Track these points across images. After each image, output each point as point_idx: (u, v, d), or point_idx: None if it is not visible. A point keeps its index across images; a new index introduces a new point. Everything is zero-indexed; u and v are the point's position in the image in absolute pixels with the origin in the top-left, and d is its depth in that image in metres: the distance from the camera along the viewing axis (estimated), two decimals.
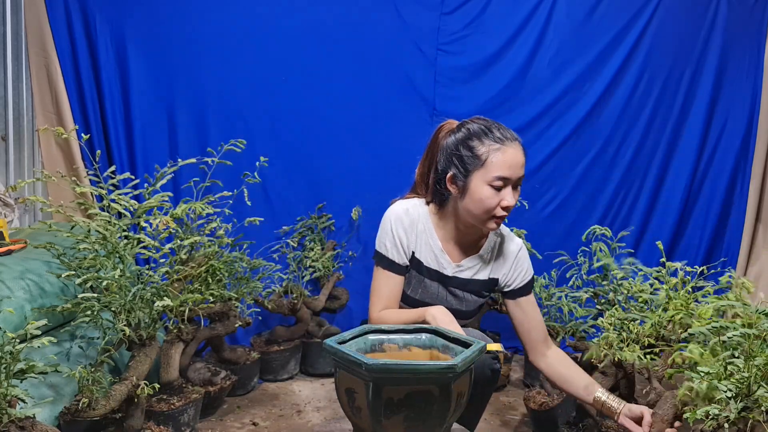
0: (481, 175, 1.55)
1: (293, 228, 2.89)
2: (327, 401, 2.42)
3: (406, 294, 1.75)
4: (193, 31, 2.78)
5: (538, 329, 1.72)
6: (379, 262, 1.71)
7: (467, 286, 1.72)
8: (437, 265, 1.70)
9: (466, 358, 1.14)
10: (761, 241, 3.09)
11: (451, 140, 1.63)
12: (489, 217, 1.58)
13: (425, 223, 1.70)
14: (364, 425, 1.17)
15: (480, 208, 1.57)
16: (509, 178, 1.54)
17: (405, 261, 1.70)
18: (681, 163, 3.12)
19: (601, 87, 3.04)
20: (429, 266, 1.71)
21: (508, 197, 1.55)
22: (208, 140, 2.78)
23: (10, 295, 1.71)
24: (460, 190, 1.60)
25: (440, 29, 2.96)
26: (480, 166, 1.55)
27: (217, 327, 2.24)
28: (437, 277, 1.71)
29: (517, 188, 1.60)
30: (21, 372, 1.32)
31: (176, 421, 1.89)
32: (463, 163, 1.58)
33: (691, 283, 1.63)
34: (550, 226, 3.06)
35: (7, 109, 2.56)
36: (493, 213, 1.57)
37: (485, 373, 1.58)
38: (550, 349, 1.72)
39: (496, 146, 1.55)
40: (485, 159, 1.55)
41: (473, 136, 1.58)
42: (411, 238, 1.69)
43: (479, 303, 1.77)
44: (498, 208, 1.56)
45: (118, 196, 1.76)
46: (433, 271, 1.71)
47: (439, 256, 1.70)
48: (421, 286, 1.73)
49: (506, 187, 1.55)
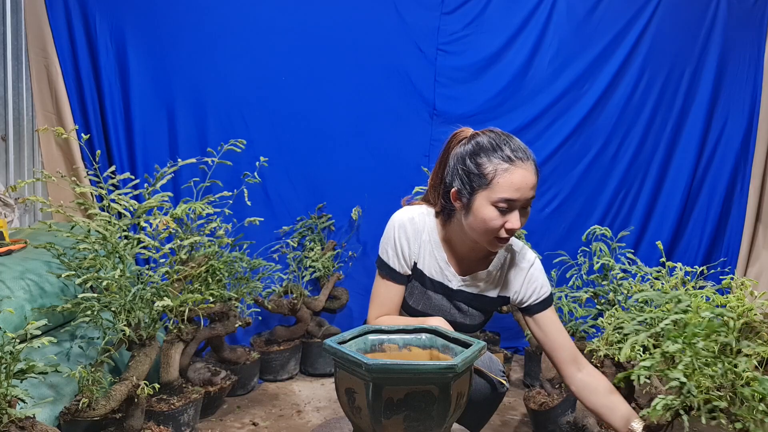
0: (486, 195, 1.45)
1: (293, 228, 2.89)
2: (327, 401, 2.42)
3: (409, 304, 1.69)
4: (193, 32, 2.79)
5: (564, 349, 1.57)
6: (380, 269, 1.66)
7: (473, 302, 1.66)
8: (442, 278, 1.64)
9: (466, 358, 1.14)
10: (761, 241, 3.09)
11: (460, 152, 1.53)
12: (492, 238, 1.49)
13: (431, 233, 1.63)
14: (364, 425, 1.17)
15: (483, 228, 1.47)
16: (516, 200, 1.44)
17: (406, 270, 1.64)
18: (681, 163, 3.13)
19: (601, 87, 3.04)
20: (433, 278, 1.65)
21: (513, 220, 1.45)
22: (208, 140, 2.79)
23: (10, 295, 1.71)
24: (465, 206, 1.51)
25: (440, 29, 2.96)
26: (486, 185, 1.45)
27: (217, 327, 2.24)
28: (442, 290, 1.65)
29: (527, 209, 1.50)
30: (21, 372, 1.32)
31: (176, 421, 1.89)
32: (469, 180, 1.49)
33: (691, 282, 1.63)
34: (550, 226, 3.06)
35: (7, 109, 2.57)
36: (497, 234, 1.48)
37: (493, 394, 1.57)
38: (581, 371, 1.54)
39: (504, 166, 1.44)
40: (491, 178, 1.44)
41: (481, 151, 1.48)
42: (414, 248, 1.62)
43: (484, 318, 1.71)
44: (502, 230, 1.47)
45: (118, 196, 1.76)
46: (437, 284, 1.65)
47: (444, 268, 1.64)
48: (424, 298, 1.67)
49: (512, 209, 1.45)
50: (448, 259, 1.64)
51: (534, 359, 2.58)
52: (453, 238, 1.62)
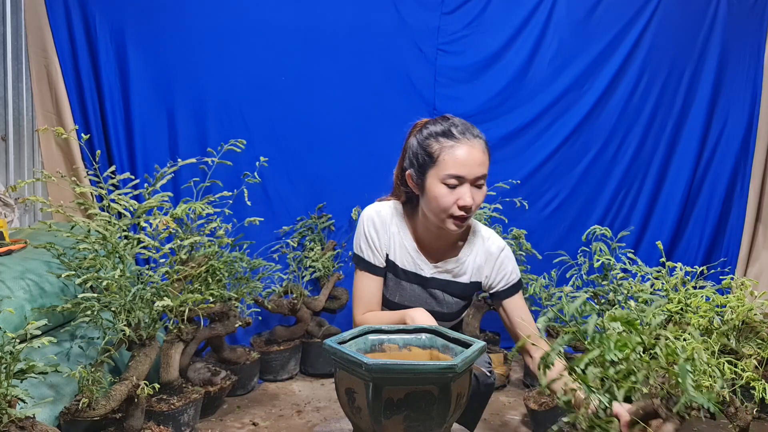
0: (435, 173, 1.53)
1: (293, 228, 2.89)
2: (327, 401, 2.42)
3: (386, 298, 1.73)
4: (193, 32, 2.79)
5: (526, 332, 1.64)
6: (357, 265, 1.71)
7: (447, 288, 1.70)
8: (414, 267, 1.69)
9: (466, 358, 1.14)
10: (761, 241, 3.09)
11: (413, 140, 1.62)
12: (447, 216, 1.54)
13: (399, 224, 1.69)
14: (364, 425, 1.17)
15: (436, 207, 1.54)
16: (463, 176, 1.51)
17: (381, 262, 1.69)
18: (681, 163, 3.13)
19: (601, 87, 3.04)
20: (405, 268, 1.69)
21: (465, 196, 1.51)
22: (208, 140, 2.79)
23: (10, 295, 1.71)
24: (420, 189, 1.58)
25: (440, 29, 2.96)
26: (433, 163, 1.53)
27: (217, 327, 2.24)
28: (415, 279, 1.70)
29: (481, 188, 1.55)
30: (21, 372, 1.32)
31: (176, 421, 1.89)
32: (420, 162, 1.57)
33: (691, 282, 1.63)
34: (550, 226, 3.06)
35: (7, 109, 2.57)
36: (450, 212, 1.53)
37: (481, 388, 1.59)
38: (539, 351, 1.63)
39: (449, 143, 1.52)
40: (437, 156, 1.52)
41: (430, 135, 1.56)
42: (384, 239, 1.68)
43: (461, 305, 1.75)
44: (454, 207, 1.52)
45: (118, 196, 1.76)
46: (410, 274, 1.69)
47: (415, 257, 1.68)
48: (399, 289, 1.72)
49: (462, 185, 1.52)
50: (419, 248, 1.69)
51: None
52: (419, 226, 1.68)
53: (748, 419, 1.28)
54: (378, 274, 1.69)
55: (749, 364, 1.26)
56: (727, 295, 1.41)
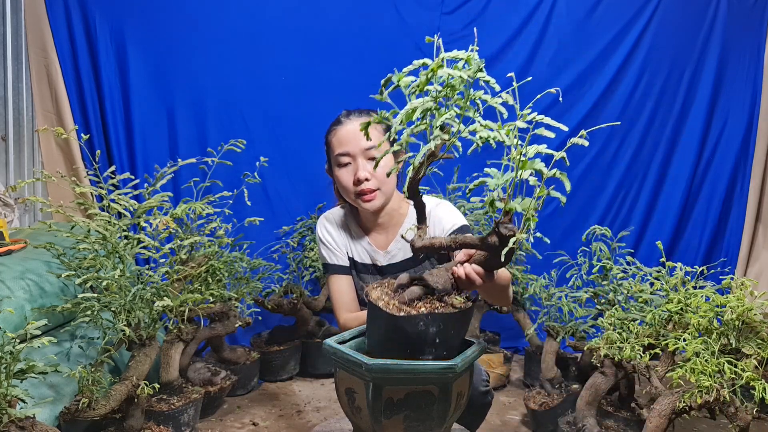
0: (333, 160, 1.64)
1: (293, 228, 2.89)
2: (327, 401, 2.42)
3: (361, 298, 1.76)
4: (193, 32, 2.79)
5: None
6: (326, 271, 1.78)
7: (404, 269, 1.70)
8: (370, 259, 1.73)
9: (466, 358, 1.14)
10: (761, 241, 3.09)
11: None
12: (355, 196, 1.62)
13: (348, 224, 1.76)
14: (364, 425, 1.17)
15: (344, 189, 1.64)
16: (348, 152, 1.60)
17: (344, 260, 1.74)
18: (681, 163, 3.13)
19: (601, 87, 3.04)
20: (364, 262, 1.74)
21: (359, 171, 1.59)
22: (208, 140, 2.79)
23: (10, 295, 1.71)
24: (334, 181, 1.69)
25: (440, 29, 2.96)
26: (330, 151, 1.66)
27: (217, 327, 2.24)
28: (374, 270, 1.74)
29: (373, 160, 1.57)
30: (21, 372, 1.32)
31: (176, 421, 1.89)
32: (327, 156, 1.70)
33: (691, 282, 1.63)
34: (550, 226, 3.06)
35: (7, 109, 2.57)
36: (354, 191, 1.61)
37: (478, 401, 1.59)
38: None
39: (335, 128, 1.64)
40: (329, 143, 1.66)
41: (328, 128, 1.68)
42: (339, 239, 1.74)
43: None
44: (355, 185, 1.60)
45: (118, 196, 1.76)
46: (369, 266, 1.74)
47: (369, 249, 1.73)
48: (362, 284, 1.75)
49: (355, 161, 1.60)
50: (370, 240, 1.74)
51: (534, 359, 2.58)
52: (359, 220, 1.74)
53: (748, 419, 1.28)
54: (345, 273, 1.75)
55: (749, 364, 1.26)
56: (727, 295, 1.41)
